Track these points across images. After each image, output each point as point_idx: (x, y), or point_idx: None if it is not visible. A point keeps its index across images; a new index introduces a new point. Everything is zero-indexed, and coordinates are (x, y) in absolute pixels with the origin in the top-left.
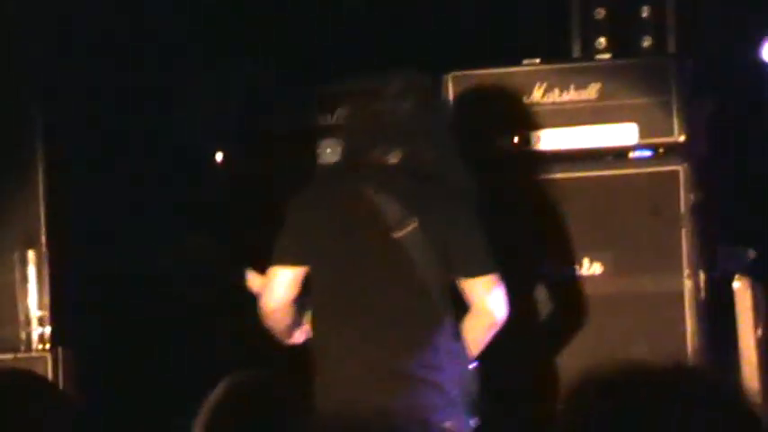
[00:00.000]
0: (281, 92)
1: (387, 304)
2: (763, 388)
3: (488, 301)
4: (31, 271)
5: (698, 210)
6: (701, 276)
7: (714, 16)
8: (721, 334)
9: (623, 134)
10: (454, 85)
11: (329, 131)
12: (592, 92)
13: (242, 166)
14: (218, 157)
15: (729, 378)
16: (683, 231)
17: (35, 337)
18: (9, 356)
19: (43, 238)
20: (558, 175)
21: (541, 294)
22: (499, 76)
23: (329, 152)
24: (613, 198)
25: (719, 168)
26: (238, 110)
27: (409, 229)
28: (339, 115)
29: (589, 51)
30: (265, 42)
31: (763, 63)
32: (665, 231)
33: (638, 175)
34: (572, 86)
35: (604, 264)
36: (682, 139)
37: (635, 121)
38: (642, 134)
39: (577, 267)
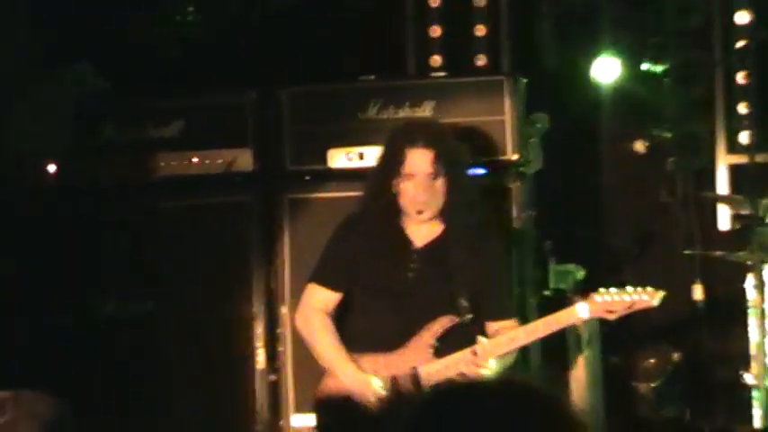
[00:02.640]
0: (116, 104)
1: None
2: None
3: None
4: None
5: (531, 227)
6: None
7: (547, 36)
8: (555, 352)
9: None
10: (289, 100)
11: (164, 144)
12: (426, 109)
13: (75, 177)
14: (51, 168)
15: (557, 393)
16: (515, 250)
17: None
18: None
19: None
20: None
21: None
22: (334, 93)
23: None
24: None
25: (552, 186)
26: (71, 122)
27: None
28: (175, 128)
29: (424, 69)
30: (100, 54)
31: (592, 81)
32: None
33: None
34: (407, 104)
35: None
36: (515, 157)
37: (469, 139)
38: (476, 152)
39: None
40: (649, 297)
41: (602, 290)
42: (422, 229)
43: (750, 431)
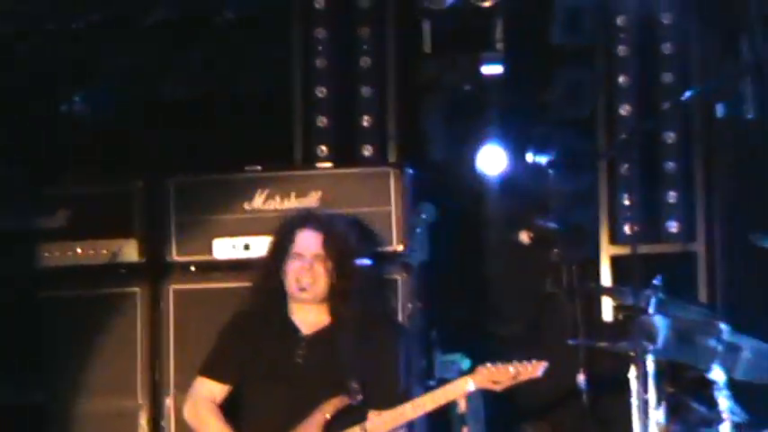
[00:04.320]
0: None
1: None
2: None
3: None
4: None
5: (416, 317)
6: None
7: (434, 127)
8: None
9: None
10: (176, 190)
11: (49, 233)
12: (313, 199)
13: None
14: None
15: None
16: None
17: None
18: None
19: None
20: None
21: None
22: (220, 182)
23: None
24: None
25: (438, 276)
26: None
27: None
28: (63, 217)
29: (311, 159)
30: None
31: (479, 172)
32: None
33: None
34: (293, 194)
35: None
36: (401, 247)
37: (354, 230)
38: (362, 242)
39: None
40: (533, 368)
41: (488, 363)
42: (309, 317)
43: None
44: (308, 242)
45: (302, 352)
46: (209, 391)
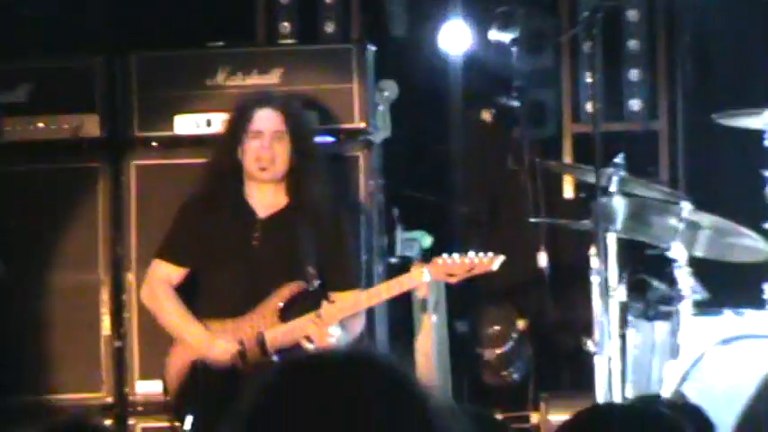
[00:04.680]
0: None
1: None
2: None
3: None
4: None
5: (378, 195)
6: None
7: (396, 3)
8: (401, 321)
9: None
10: (138, 66)
11: (11, 108)
12: (274, 77)
13: None
14: None
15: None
16: (362, 218)
17: None
18: None
19: None
20: None
21: None
22: (183, 58)
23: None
24: None
25: (399, 153)
26: None
27: None
28: (24, 91)
29: (273, 36)
30: None
31: (441, 49)
32: None
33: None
34: (255, 71)
35: None
36: (362, 125)
37: (317, 107)
38: (324, 120)
39: None
40: (489, 262)
41: (444, 255)
42: (266, 198)
43: (591, 398)
44: (267, 120)
45: (258, 234)
46: (166, 274)
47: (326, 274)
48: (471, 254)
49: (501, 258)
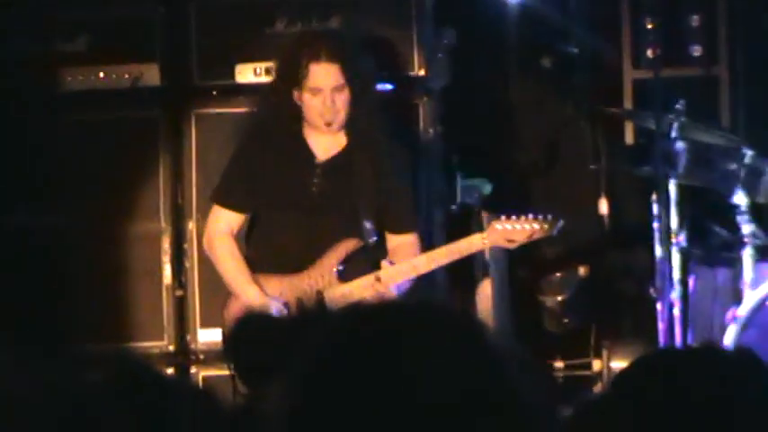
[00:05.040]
0: (21, 16)
1: None
2: (498, 320)
3: None
4: None
5: (438, 142)
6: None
7: None
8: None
9: None
10: (197, 15)
11: (70, 57)
12: (333, 23)
13: None
14: None
15: (466, 312)
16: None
17: None
18: None
19: None
20: None
21: None
22: (242, 6)
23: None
24: None
25: (459, 101)
26: None
27: None
28: (84, 42)
29: None
30: None
31: None
32: None
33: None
34: (314, 19)
35: None
36: (422, 72)
37: (376, 54)
38: (383, 67)
39: None
40: (549, 226)
41: (503, 217)
42: (324, 141)
43: (653, 345)
44: (324, 76)
45: (318, 180)
46: (226, 222)
47: (386, 215)
48: (530, 217)
49: (561, 223)
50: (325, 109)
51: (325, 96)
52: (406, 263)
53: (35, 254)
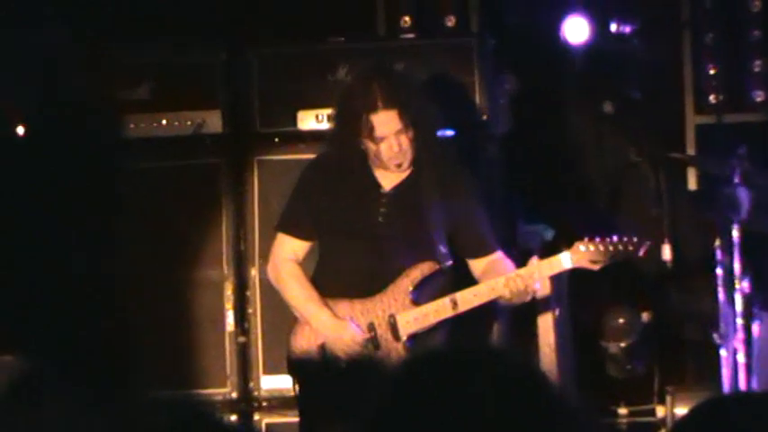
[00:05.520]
0: (86, 62)
1: None
2: (560, 367)
3: None
4: None
5: (500, 188)
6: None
7: None
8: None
9: None
10: (259, 62)
11: (134, 104)
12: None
13: (44, 138)
14: (20, 130)
15: (528, 359)
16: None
17: None
18: None
19: None
20: None
21: None
22: (304, 54)
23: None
24: None
25: (523, 146)
26: (39, 80)
27: None
28: (147, 88)
29: (393, 30)
30: (65, 10)
31: (563, 42)
32: None
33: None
34: (376, 65)
35: None
36: (484, 118)
37: (439, 100)
38: (446, 113)
39: None
40: (634, 247)
41: (586, 239)
42: (389, 173)
43: (717, 391)
44: (385, 124)
45: (384, 209)
46: (291, 249)
47: (461, 241)
48: (615, 238)
49: (648, 243)
50: (392, 154)
51: (390, 143)
52: (484, 285)
53: (100, 301)
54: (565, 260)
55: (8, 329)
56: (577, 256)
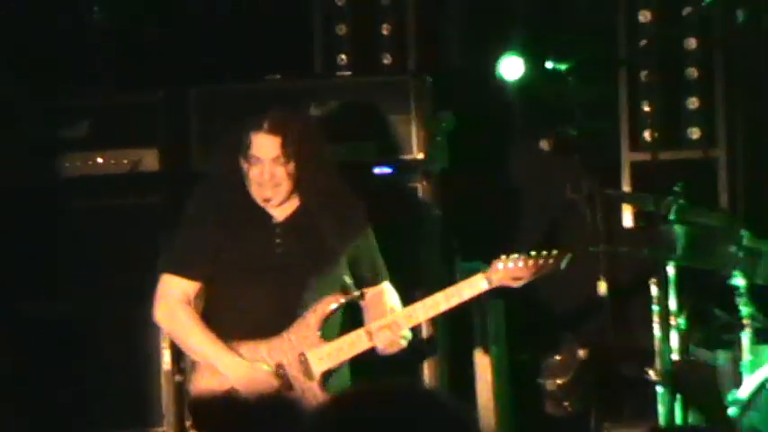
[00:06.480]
0: (23, 104)
1: None
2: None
3: None
4: None
5: (437, 226)
6: None
7: (453, 34)
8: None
9: (363, 151)
10: (196, 100)
11: (70, 143)
12: (333, 108)
13: None
14: None
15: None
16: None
17: None
18: None
19: None
20: None
21: None
22: (241, 92)
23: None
24: None
25: (459, 183)
26: None
27: None
28: (83, 128)
29: (331, 68)
30: (12, 55)
31: (500, 79)
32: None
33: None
34: (312, 103)
35: None
36: (421, 156)
37: (374, 139)
38: (382, 151)
39: None
40: (554, 260)
41: (503, 257)
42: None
43: (653, 428)
44: (264, 146)
45: (280, 240)
46: (181, 290)
47: (355, 269)
48: (533, 253)
49: (568, 256)
50: (262, 180)
51: (263, 168)
52: (401, 313)
53: (43, 342)
54: (483, 280)
55: None
56: (498, 274)
